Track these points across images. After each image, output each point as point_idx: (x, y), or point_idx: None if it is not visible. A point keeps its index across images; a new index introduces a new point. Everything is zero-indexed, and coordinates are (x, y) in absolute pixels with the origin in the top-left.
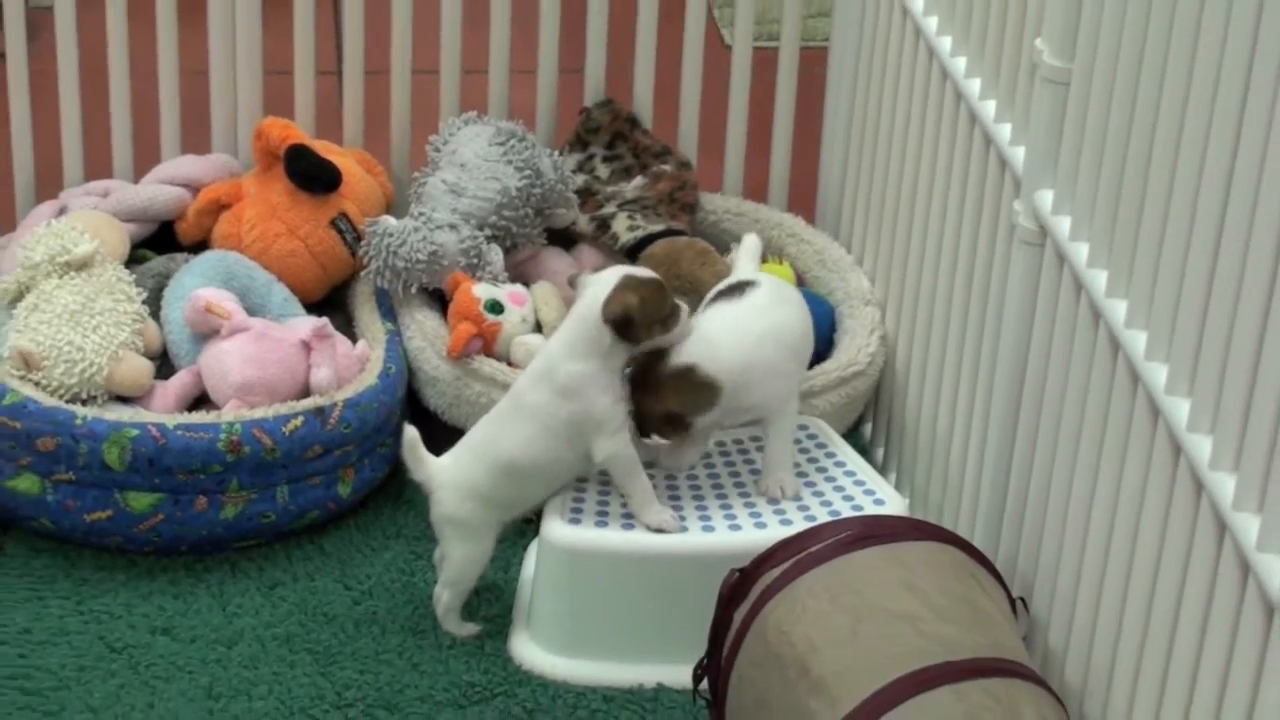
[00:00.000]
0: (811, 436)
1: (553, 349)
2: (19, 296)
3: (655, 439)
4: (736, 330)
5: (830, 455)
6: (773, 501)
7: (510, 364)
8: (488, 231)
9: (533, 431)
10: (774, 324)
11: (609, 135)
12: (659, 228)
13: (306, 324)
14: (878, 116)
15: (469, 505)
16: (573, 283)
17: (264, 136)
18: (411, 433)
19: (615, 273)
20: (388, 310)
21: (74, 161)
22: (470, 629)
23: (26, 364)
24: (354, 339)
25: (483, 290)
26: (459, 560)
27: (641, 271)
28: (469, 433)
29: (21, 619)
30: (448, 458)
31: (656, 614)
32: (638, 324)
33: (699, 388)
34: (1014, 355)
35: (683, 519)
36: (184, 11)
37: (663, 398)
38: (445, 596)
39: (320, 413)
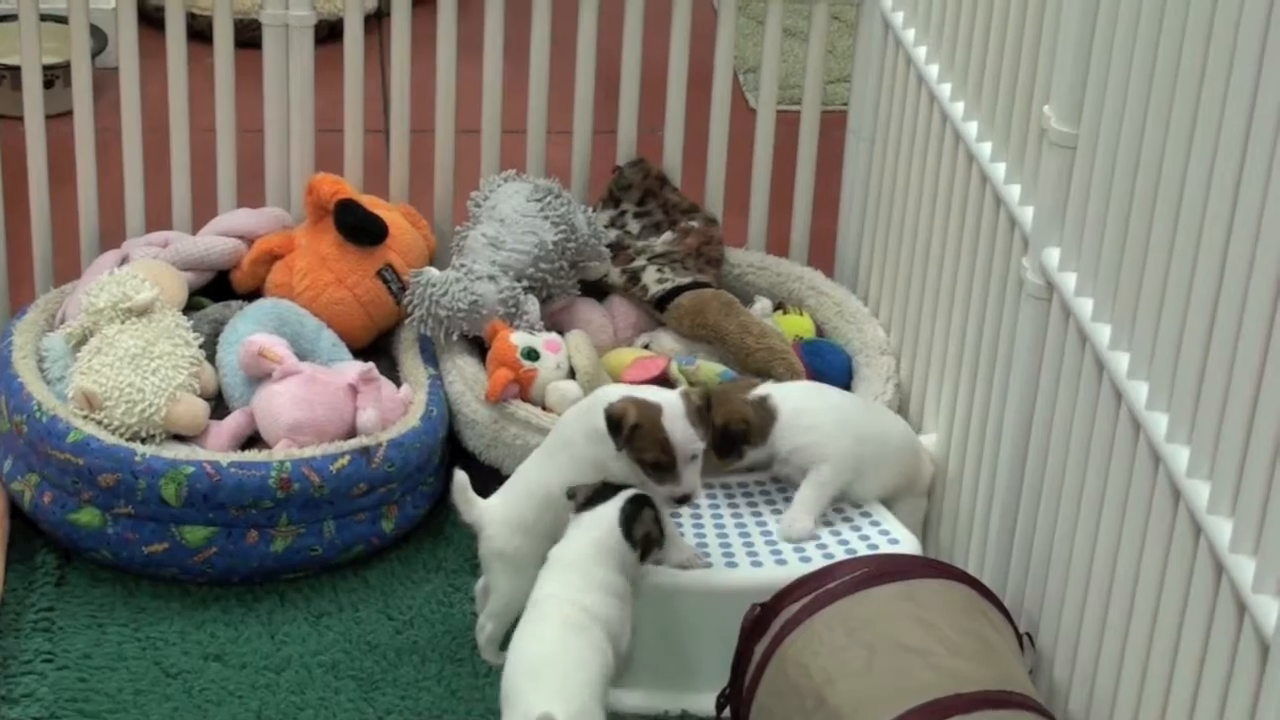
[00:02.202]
0: None
1: (600, 393)
2: (83, 340)
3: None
4: (822, 390)
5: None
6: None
7: (545, 408)
8: (525, 283)
9: (571, 465)
10: (861, 409)
11: (640, 193)
12: (686, 280)
13: (353, 368)
14: (894, 176)
15: (517, 540)
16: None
17: (315, 191)
18: (461, 477)
19: (666, 394)
20: (430, 356)
21: (136, 213)
22: (503, 658)
23: (89, 404)
24: (398, 383)
25: (520, 338)
26: (506, 593)
27: (673, 417)
28: (515, 472)
29: (82, 645)
30: (496, 497)
31: (682, 645)
32: (622, 432)
33: (762, 412)
34: (1021, 404)
35: (707, 556)
36: (241, 73)
37: (725, 411)
38: (489, 627)
39: (366, 452)
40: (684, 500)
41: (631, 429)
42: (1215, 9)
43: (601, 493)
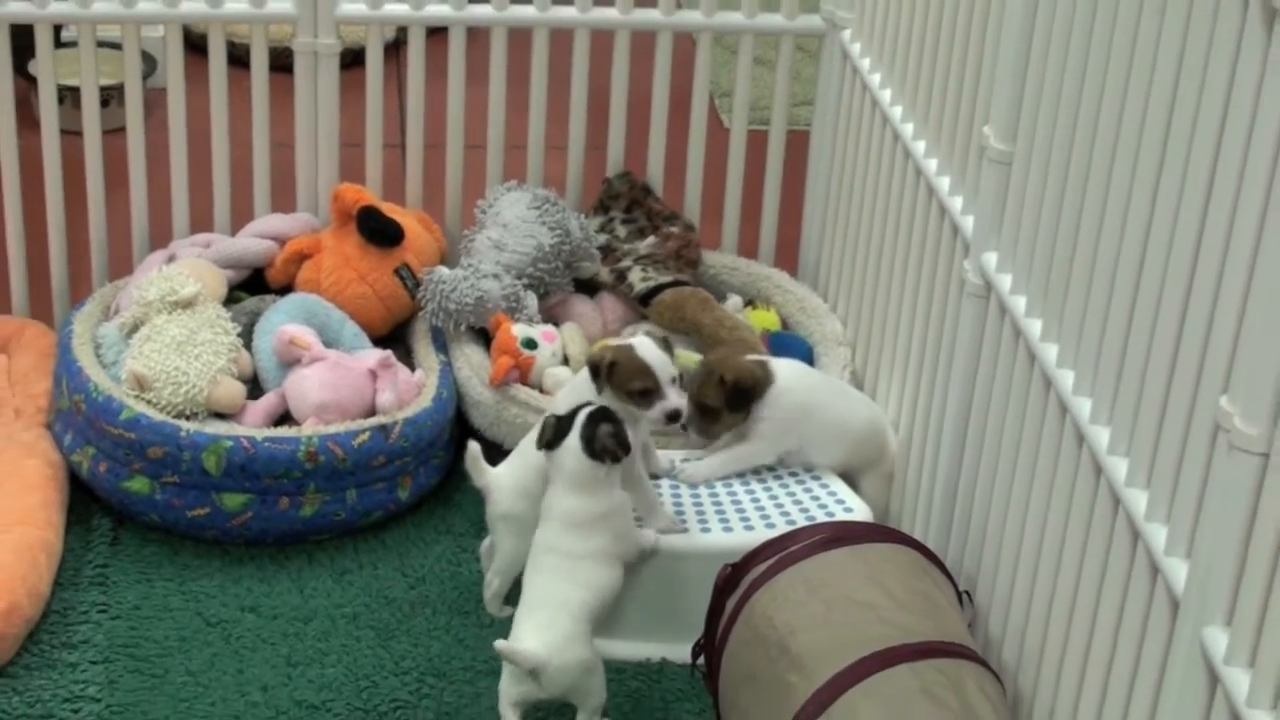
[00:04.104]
0: None
1: (582, 373)
2: (135, 329)
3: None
4: (807, 372)
5: (809, 470)
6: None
7: (542, 391)
8: (525, 280)
9: None
10: (832, 394)
11: (627, 202)
12: (667, 279)
13: (373, 355)
14: (850, 188)
15: (521, 504)
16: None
17: (340, 199)
18: (474, 447)
19: (637, 339)
20: (441, 345)
21: (181, 217)
22: (508, 610)
23: (140, 385)
24: (413, 368)
25: (520, 329)
26: (510, 551)
27: (644, 347)
28: (518, 446)
29: (133, 597)
30: (503, 466)
31: (662, 600)
32: (601, 374)
33: (764, 372)
34: (962, 389)
35: (684, 522)
36: (274, 94)
37: (735, 369)
38: (496, 583)
39: (384, 429)
40: (674, 417)
41: (610, 365)
42: (1135, 46)
43: (561, 425)
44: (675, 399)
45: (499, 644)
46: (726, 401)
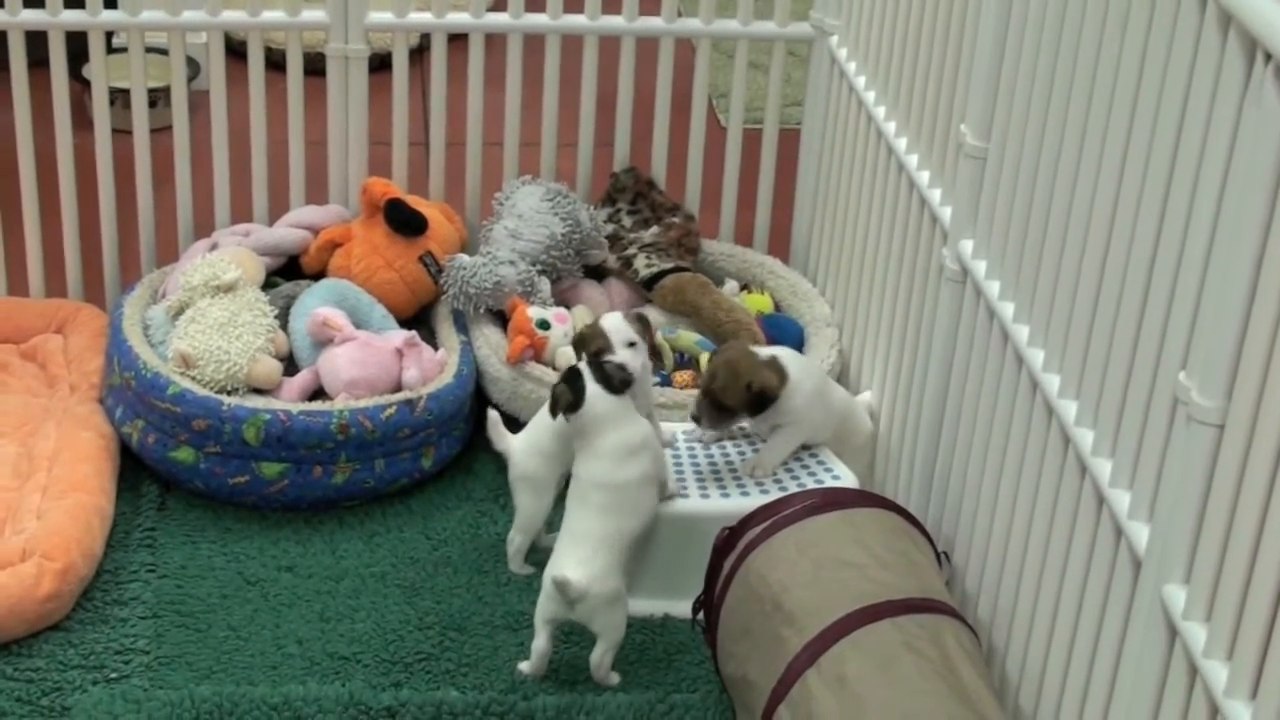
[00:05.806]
0: None
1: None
2: (180, 311)
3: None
4: (805, 360)
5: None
6: (749, 477)
7: (554, 368)
8: (539, 267)
9: None
10: (824, 379)
11: (632, 194)
12: (670, 265)
13: (400, 335)
14: (838, 181)
15: (536, 463)
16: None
17: (369, 192)
18: (494, 414)
19: (606, 315)
20: (462, 326)
21: (223, 209)
22: (527, 569)
23: (186, 363)
24: (436, 347)
25: (534, 311)
26: (529, 509)
27: (606, 319)
28: (536, 416)
29: (179, 558)
30: (521, 433)
31: (665, 560)
32: (575, 346)
33: (778, 372)
34: (941, 366)
35: (685, 489)
36: (308, 95)
37: (756, 377)
38: (517, 540)
39: (410, 403)
40: (621, 370)
41: (579, 336)
42: (1099, 51)
43: (574, 386)
44: (622, 357)
45: (555, 575)
46: (749, 406)
